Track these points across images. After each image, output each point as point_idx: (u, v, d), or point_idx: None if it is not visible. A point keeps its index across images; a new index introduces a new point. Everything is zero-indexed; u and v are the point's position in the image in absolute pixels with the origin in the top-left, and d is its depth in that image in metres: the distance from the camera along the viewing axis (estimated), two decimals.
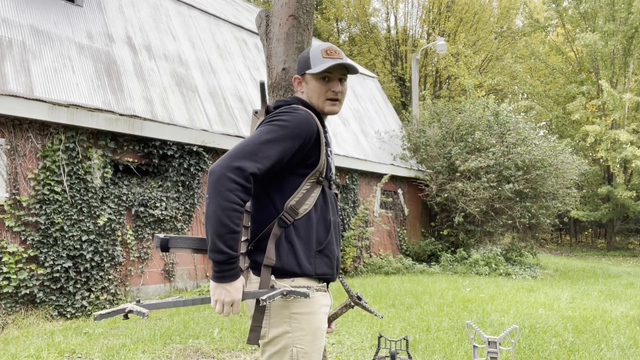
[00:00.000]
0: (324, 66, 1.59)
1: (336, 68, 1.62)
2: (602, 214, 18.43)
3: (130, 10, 7.65)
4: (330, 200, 1.62)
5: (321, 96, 1.64)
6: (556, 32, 23.49)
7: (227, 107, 8.11)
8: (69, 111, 5.61)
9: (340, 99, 1.66)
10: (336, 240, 1.62)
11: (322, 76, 1.63)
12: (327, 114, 1.66)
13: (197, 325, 4.83)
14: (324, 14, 25.92)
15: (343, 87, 1.66)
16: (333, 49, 1.63)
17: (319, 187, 1.57)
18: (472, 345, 2.36)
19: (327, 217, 1.58)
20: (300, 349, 1.46)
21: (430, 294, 6.85)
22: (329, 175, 1.63)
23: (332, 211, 1.62)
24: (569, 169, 11.02)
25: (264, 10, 2.95)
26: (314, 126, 1.53)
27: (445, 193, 10.92)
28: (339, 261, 1.63)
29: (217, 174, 1.35)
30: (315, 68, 1.61)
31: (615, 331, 4.75)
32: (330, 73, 1.63)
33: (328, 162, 1.62)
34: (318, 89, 1.63)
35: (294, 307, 1.47)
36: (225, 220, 1.33)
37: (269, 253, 1.50)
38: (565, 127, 20.40)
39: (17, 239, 5.34)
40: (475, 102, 12.04)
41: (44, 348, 3.96)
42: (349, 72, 1.66)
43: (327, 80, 1.64)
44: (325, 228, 1.57)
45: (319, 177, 1.57)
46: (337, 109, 1.66)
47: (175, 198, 6.80)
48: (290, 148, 1.47)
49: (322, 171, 1.57)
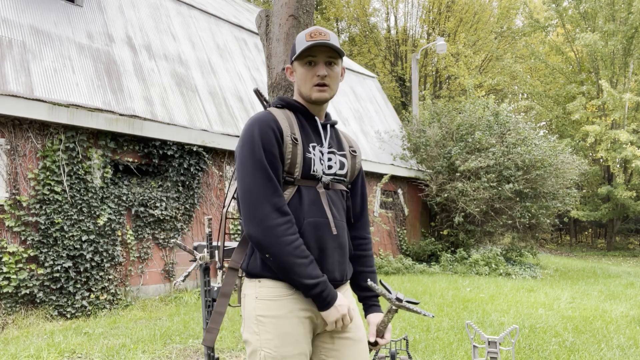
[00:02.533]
0: (301, 48, 1.48)
1: (320, 50, 1.49)
2: (602, 214, 18.43)
3: (130, 10, 7.65)
4: (309, 200, 1.48)
5: (307, 82, 1.52)
6: (556, 32, 23.49)
7: (227, 107, 8.11)
8: (69, 111, 5.61)
9: (329, 84, 1.52)
10: (318, 242, 1.46)
11: (306, 61, 1.51)
12: (315, 101, 1.53)
13: (197, 325, 4.83)
14: (324, 14, 25.92)
15: (332, 71, 1.52)
16: (318, 31, 1.49)
17: (291, 188, 1.48)
18: (472, 345, 2.36)
19: (299, 219, 1.46)
20: (267, 352, 1.40)
21: (430, 294, 6.85)
22: (310, 173, 1.49)
23: (311, 212, 1.47)
24: (569, 169, 11.02)
25: (264, 10, 2.95)
26: (272, 125, 1.46)
27: (445, 193, 10.92)
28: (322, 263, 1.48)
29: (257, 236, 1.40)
30: (297, 53, 1.51)
31: (615, 331, 4.75)
32: (314, 57, 1.50)
33: (305, 158, 1.48)
34: (303, 75, 1.53)
35: (260, 309, 1.44)
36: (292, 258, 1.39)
37: (235, 255, 1.53)
38: (565, 127, 20.40)
39: (17, 239, 5.34)
40: (475, 102, 12.04)
41: (44, 348, 3.96)
42: (335, 53, 1.51)
43: (313, 65, 1.51)
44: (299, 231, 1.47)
45: (287, 176, 1.48)
46: (326, 95, 1.52)
47: (175, 198, 6.80)
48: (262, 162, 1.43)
49: (293, 170, 1.47)
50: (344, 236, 1.56)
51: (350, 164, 1.63)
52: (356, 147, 1.71)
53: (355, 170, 1.66)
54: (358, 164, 1.68)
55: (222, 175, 7.57)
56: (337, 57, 1.53)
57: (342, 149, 1.63)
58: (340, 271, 1.53)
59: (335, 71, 1.54)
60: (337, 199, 1.56)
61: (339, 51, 1.51)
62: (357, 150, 1.70)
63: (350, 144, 1.70)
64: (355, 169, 1.67)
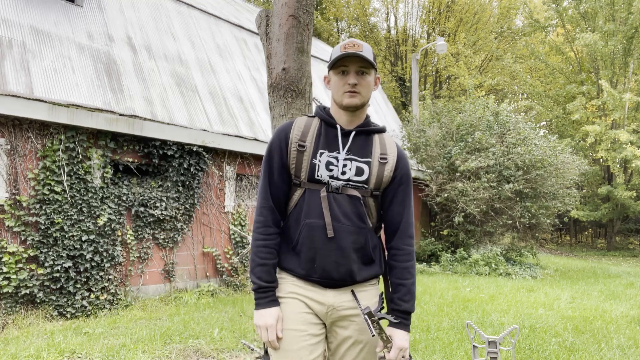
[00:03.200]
0: (334, 58, 1.61)
1: (352, 61, 1.60)
2: (602, 214, 18.42)
3: (130, 10, 7.65)
4: (314, 202, 1.61)
5: (339, 90, 1.64)
6: (556, 32, 23.48)
7: (227, 107, 8.11)
8: (69, 111, 5.61)
9: (360, 91, 1.62)
10: (311, 242, 1.60)
11: (340, 70, 1.63)
12: (346, 106, 1.64)
13: (197, 325, 4.83)
14: (324, 14, 25.92)
15: (364, 80, 1.63)
16: (351, 43, 1.61)
17: (299, 190, 1.65)
18: (472, 345, 2.36)
19: (300, 219, 1.63)
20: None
21: (430, 294, 6.85)
22: (315, 178, 1.62)
23: (310, 214, 1.61)
24: (569, 169, 11.01)
25: (264, 10, 2.95)
26: (281, 134, 1.67)
27: (445, 193, 10.92)
28: (316, 262, 1.62)
29: None
30: (331, 62, 1.64)
31: (615, 331, 4.75)
32: (346, 66, 1.61)
33: (311, 164, 1.62)
34: (336, 83, 1.65)
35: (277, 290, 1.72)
36: (252, 254, 1.65)
37: None
38: (565, 127, 20.39)
39: (17, 239, 5.34)
40: (475, 102, 12.03)
41: (44, 348, 3.96)
42: (366, 63, 1.61)
43: (345, 74, 1.63)
44: (298, 229, 1.64)
45: (295, 179, 1.66)
46: (356, 101, 1.62)
47: (175, 198, 6.80)
48: (271, 166, 1.67)
49: (299, 174, 1.63)
50: (347, 239, 1.61)
51: (376, 171, 1.66)
52: (390, 155, 1.70)
53: (383, 178, 1.67)
54: (388, 171, 1.68)
55: (222, 175, 7.57)
56: (369, 67, 1.63)
57: (367, 156, 1.66)
58: (340, 272, 1.62)
59: (366, 80, 1.64)
60: (347, 203, 1.62)
61: (370, 62, 1.60)
62: (389, 157, 1.69)
63: (385, 151, 1.70)
64: (384, 176, 1.67)
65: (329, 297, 1.65)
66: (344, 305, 1.65)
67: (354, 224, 1.62)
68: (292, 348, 1.58)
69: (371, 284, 1.73)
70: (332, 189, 1.62)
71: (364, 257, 1.66)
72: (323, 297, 1.65)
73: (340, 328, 1.67)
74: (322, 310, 1.65)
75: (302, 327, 1.61)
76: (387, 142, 1.74)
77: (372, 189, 1.66)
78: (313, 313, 1.65)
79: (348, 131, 1.68)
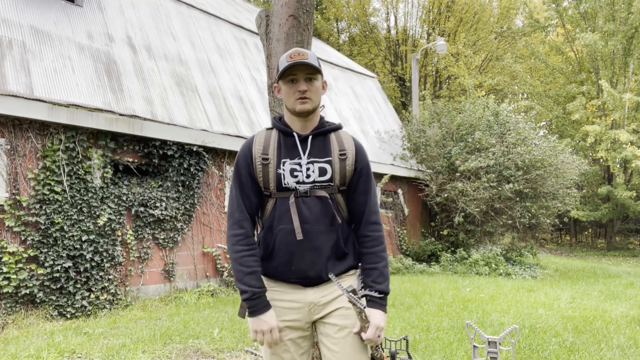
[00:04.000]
0: (282, 68, 1.68)
1: (299, 69, 1.67)
2: (602, 214, 18.41)
3: (130, 10, 7.65)
4: (281, 210, 1.70)
5: (290, 97, 1.70)
6: (556, 32, 23.48)
7: (227, 107, 8.11)
8: (69, 111, 5.61)
9: (310, 97, 1.69)
10: (286, 246, 1.69)
11: (289, 79, 1.70)
12: (299, 112, 1.70)
13: (197, 325, 4.83)
14: (324, 14, 25.91)
15: (312, 86, 1.70)
16: (296, 52, 1.67)
17: (271, 200, 1.73)
18: (472, 345, 2.36)
19: (273, 226, 1.71)
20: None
21: (430, 294, 6.85)
22: (283, 186, 1.70)
23: (282, 220, 1.69)
24: (569, 169, 11.01)
25: (264, 10, 2.95)
26: (245, 151, 1.76)
27: (445, 193, 10.92)
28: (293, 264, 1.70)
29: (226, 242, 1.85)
30: (279, 73, 1.70)
31: (615, 331, 4.75)
32: (295, 75, 1.68)
33: (277, 174, 1.70)
34: (287, 92, 1.72)
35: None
36: (236, 265, 1.68)
37: None
38: (565, 127, 20.39)
39: (17, 239, 5.34)
40: (475, 102, 12.03)
41: (44, 348, 3.96)
42: (313, 70, 1.68)
43: (294, 82, 1.69)
44: (272, 235, 1.72)
45: (265, 191, 1.73)
46: (308, 106, 1.69)
47: (175, 198, 6.80)
48: (240, 180, 1.75)
49: (268, 185, 1.72)
50: (318, 239, 1.70)
51: (338, 168, 1.73)
52: (348, 150, 1.77)
53: (346, 172, 1.75)
54: (349, 165, 1.75)
55: (222, 175, 7.57)
56: (316, 73, 1.70)
57: (327, 156, 1.74)
58: (316, 270, 1.71)
59: (315, 85, 1.71)
60: (316, 204, 1.71)
61: (316, 68, 1.68)
62: (347, 152, 1.76)
63: (342, 147, 1.77)
64: (346, 171, 1.75)
65: (309, 295, 1.73)
66: (323, 300, 1.73)
67: (324, 223, 1.70)
68: (275, 351, 1.73)
69: (349, 274, 1.80)
70: (300, 194, 1.70)
71: (337, 252, 1.74)
72: (304, 296, 1.73)
73: (325, 318, 1.74)
74: (303, 311, 1.74)
75: (281, 333, 1.70)
76: (344, 138, 1.80)
77: (338, 185, 1.74)
78: (293, 320, 1.73)
79: (305, 136, 1.74)
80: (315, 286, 1.74)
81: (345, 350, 1.68)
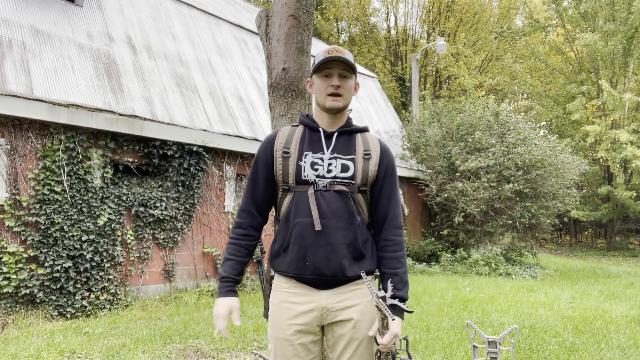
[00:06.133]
0: (319, 62, 1.68)
1: (335, 64, 1.68)
2: (602, 214, 18.42)
3: (130, 10, 7.65)
4: (302, 202, 1.67)
5: (322, 92, 1.71)
6: (556, 32, 23.47)
7: (227, 107, 8.11)
8: (69, 111, 5.61)
9: (343, 94, 1.70)
10: (301, 240, 1.66)
11: (323, 74, 1.70)
12: (329, 109, 1.71)
13: (197, 325, 4.83)
14: (324, 14, 25.91)
15: (346, 83, 1.70)
16: (335, 49, 1.68)
17: (289, 194, 1.72)
18: (472, 345, 2.36)
19: (290, 220, 1.68)
20: (269, 332, 1.76)
21: (430, 294, 6.85)
22: (302, 179, 1.69)
23: (300, 213, 1.67)
24: (569, 169, 11.01)
25: (264, 10, 2.95)
26: (267, 144, 1.78)
27: (445, 193, 10.92)
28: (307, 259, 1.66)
29: None
30: (315, 66, 1.71)
31: (615, 331, 4.75)
32: (330, 69, 1.69)
33: (297, 167, 1.69)
34: (319, 86, 1.72)
35: (272, 297, 1.79)
36: (225, 252, 1.78)
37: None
38: (565, 127, 20.39)
39: (17, 239, 5.34)
40: (475, 102, 12.04)
41: (44, 348, 3.96)
42: (348, 68, 1.69)
43: (328, 77, 1.70)
44: (289, 229, 1.69)
45: (284, 185, 1.73)
46: (339, 104, 1.70)
47: (175, 198, 6.80)
48: (256, 172, 1.78)
49: (287, 179, 1.71)
50: (336, 235, 1.65)
51: (361, 167, 1.72)
52: (373, 150, 1.76)
53: (369, 173, 1.72)
54: (373, 165, 1.73)
55: (222, 175, 7.57)
56: (350, 71, 1.71)
57: (351, 154, 1.73)
58: (331, 268, 1.66)
59: (348, 83, 1.72)
60: (336, 200, 1.67)
61: (352, 66, 1.69)
62: (372, 153, 1.75)
63: (367, 147, 1.76)
64: (369, 171, 1.73)
65: (323, 299, 1.69)
66: (337, 307, 1.69)
67: (342, 219, 1.67)
68: (285, 355, 1.69)
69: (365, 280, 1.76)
70: (319, 188, 1.68)
71: (354, 252, 1.69)
72: (317, 299, 1.69)
73: (336, 326, 1.71)
74: (315, 315, 1.69)
75: (292, 337, 1.68)
76: (370, 139, 1.79)
77: (359, 184, 1.71)
78: (304, 324, 1.69)
79: (331, 133, 1.74)
80: (329, 289, 1.69)
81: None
